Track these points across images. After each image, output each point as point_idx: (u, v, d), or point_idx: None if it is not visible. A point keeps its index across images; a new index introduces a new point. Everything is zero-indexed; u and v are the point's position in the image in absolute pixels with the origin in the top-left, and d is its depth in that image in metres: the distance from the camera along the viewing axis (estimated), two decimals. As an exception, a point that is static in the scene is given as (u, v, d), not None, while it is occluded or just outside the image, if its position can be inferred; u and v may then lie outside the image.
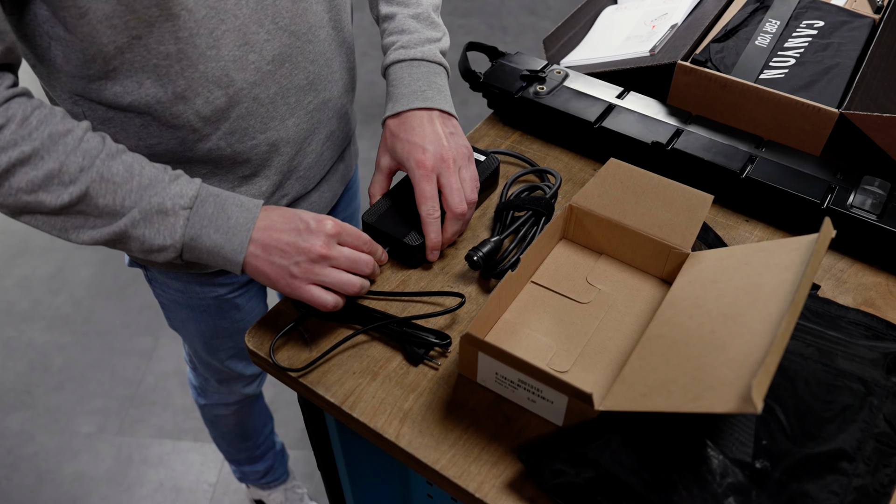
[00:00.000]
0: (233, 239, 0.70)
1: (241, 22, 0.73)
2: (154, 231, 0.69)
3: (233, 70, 0.75)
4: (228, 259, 0.71)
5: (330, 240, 0.71)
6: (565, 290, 0.78)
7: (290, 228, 0.71)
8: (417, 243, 0.77)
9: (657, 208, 0.77)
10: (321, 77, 0.85)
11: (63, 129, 0.66)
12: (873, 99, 0.88)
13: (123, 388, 1.85)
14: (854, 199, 0.81)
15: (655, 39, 1.00)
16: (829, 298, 0.78)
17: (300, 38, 0.79)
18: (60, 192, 0.66)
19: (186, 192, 0.69)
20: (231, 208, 0.70)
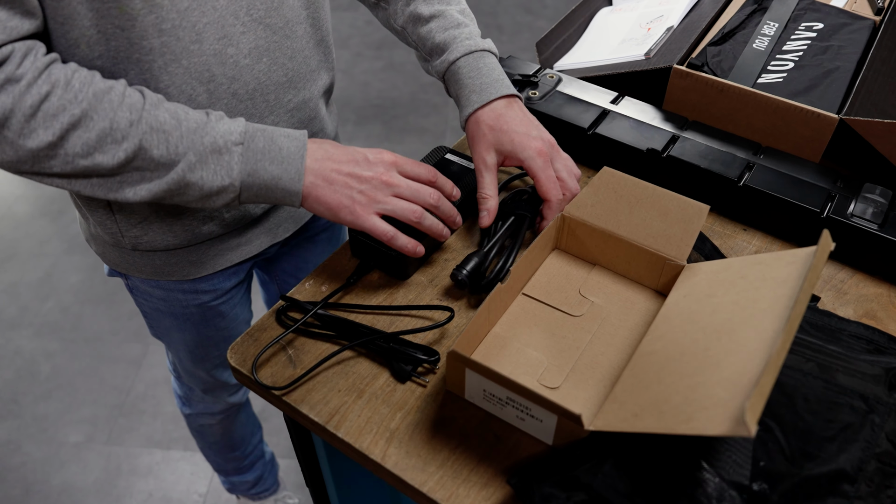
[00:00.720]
0: (289, 168, 0.71)
1: (219, 14, 0.72)
2: (211, 172, 0.69)
3: (213, 64, 0.74)
4: (287, 190, 0.71)
5: (391, 167, 0.73)
6: (557, 303, 0.76)
7: (349, 159, 0.72)
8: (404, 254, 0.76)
9: (652, 218, 0.75)
10: (300, 75, 0.84)
11: (105, 87, 0.66)
12: (874, 104, 0.87)
13: (112, 397, 1.83)
14: (855, 207, 0.79)
15: (651, 42, 0.99)
16: (830, 311, 0.76)
17: (277, 32, 0.78)
18: (115, 150, 0.66)
19: (234, 128, 0.70)
20: (280, 139, 0.71)
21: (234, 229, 0.89)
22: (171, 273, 0.90)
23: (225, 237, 0.89)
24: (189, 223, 0.84)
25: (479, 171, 0.80)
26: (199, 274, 0.92)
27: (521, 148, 0.78)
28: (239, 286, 1.01)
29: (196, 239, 0.86)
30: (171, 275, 0.91)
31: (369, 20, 3.03)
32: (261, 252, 0.95)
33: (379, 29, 2.98)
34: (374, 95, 2.69)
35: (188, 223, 0.84)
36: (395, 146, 2.48)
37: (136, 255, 0.88)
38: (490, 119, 0.80)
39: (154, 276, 0.91)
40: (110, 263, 0.93)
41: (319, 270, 0.81)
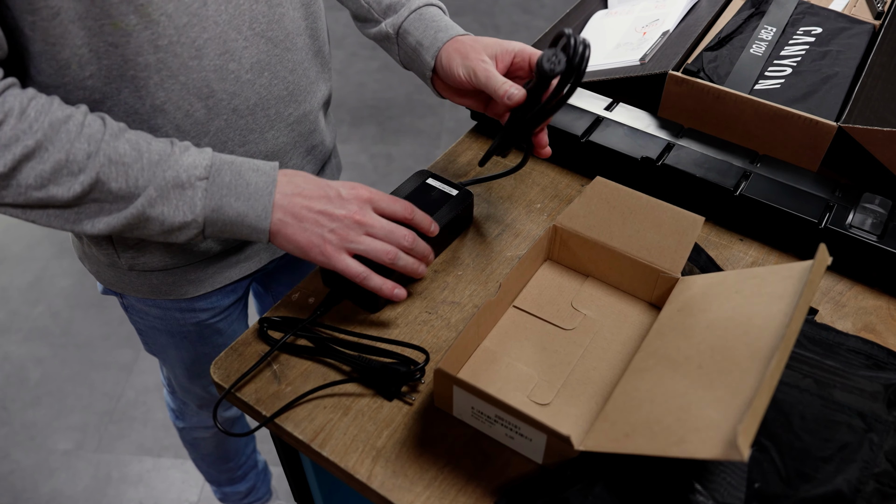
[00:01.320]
0: (255, 205, 0.68)
1: (221, 29, 0.71)
2: (173, 208, 0.67)
3: (213, 80, 0.73)
4: (254, 227, 0.69)
5: (364, 205, 0.70)
6: (549, 316, 0.75)
7: (320, 195, 0.70)
8: None
9: (645, 230, 0.74)
10: (300, 88, 0.82)
11: (62, 116, 0.64)
12: (874, 111, 0.85)
13: (102, 403, 1.82)
14: (853, 218, 0.78)
15: (646, 47, 0.97)
16: (828, 324, 0.75)
17: (278, 45, 0.77)
18: (71, 182, 0.64)
19: (200, 161, 0.67)
20: (248, 173, 0.69)
21: (234, 246, 0.87)
22: (169, 292, 0.89)
23: (224, 255, 0.87)
24: (186, 243, 0.82)
25: (486, 71, 0.74)
26: (198, 293, 0.90)
27: (507, 42, 0.76)
28: (237, 303, 0.99)
29: (194, 258, 0.85)
30: (168, 294, 0.89)
31: (365, 20, 3.02)
32: (260, 268, 0.94)
33: (375, 28, 2.98)
34: (369, 96, 2.67)
35: (185, 243, 0.82)
36: (390, 147, 2.47)
37: (132, 274, 0.86)
38: (468, 38, 0.79)
39: (151, 296, 0.90)
40: (105, 283, 0.91)
41: (307, 282, 0.80)
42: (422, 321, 0.76)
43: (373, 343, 0.73)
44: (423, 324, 0.76)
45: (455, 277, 0.80)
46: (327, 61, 0.89)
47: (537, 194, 0.89)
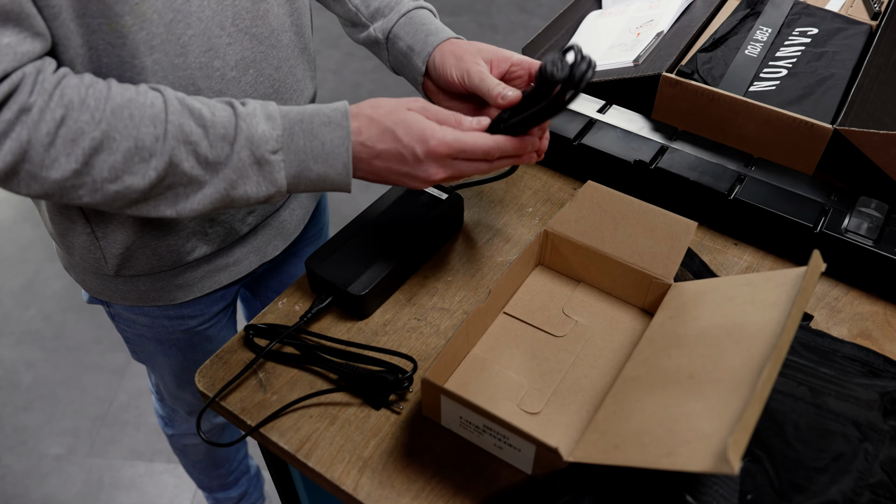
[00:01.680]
0: (335, 164, 0.66)
1: (205, 25, 0.69)
2: (254, 185, 0.65)
3: (199, 78, 0.71)
4: (336, 184, 0.67)
5: (443, 162, 0.66)
6: (540, 323, 0.74)
7: (397, 157, 0.66)
8: (363, 293, 0.73)
9: (637, 235, 0.73)
10: (286, 85, 0.81)
11: (123, 101, 0.62)
12: (870, 113, 0.84)
13: (95, 407, 1.81)
14: (849, 222, 0.77)
15: (640, 48, 0.96)
16: (823, 330, 0.74)
17: (263, 42, 0.76)
18: (145, 169, 0.62)
19: (270, 133, 0.64)
20: (321, 130, 0.65)
21: (221, 248, 0.86)
22: (157, 298, 0.88)
23: (212, 258, 0.86)
24: (173, 243, 0.81)
25: (481, 75, 0.73)
26: (186, 298, 0.89)
27: (506, 53, 0.75)
28: (226, 309, 0.98)
29: (181, 261, 0.84)
30: (156, 300, 0.88)
31: (361, 19, 3.01)
32: (250, 272, 0.93)
33: (370, 28, 2.97)
34: (364, 96, 2.66)
35: (172, 244, 0.81)
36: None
37: (119, 281, 0.85)
38: (462, 43, 0.78)
39: (138, 303, 0.89)
40: (91, 291, 0.90)
41: (294, 288, 0.79)
42: (410, 328, 0.75)
43: (360, 351, 0.72)
44: (412, 331, 0.75)
45: (444, 283, 0.79)
46: (313, 59, 0.88)
47: (529, 198, 0.88)
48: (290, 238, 0.95)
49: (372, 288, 0.73)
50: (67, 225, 0.79)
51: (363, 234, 0.78)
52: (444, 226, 0.81)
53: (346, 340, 0.72)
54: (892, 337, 0.74)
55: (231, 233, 0.85)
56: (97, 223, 0.78)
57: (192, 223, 0.80)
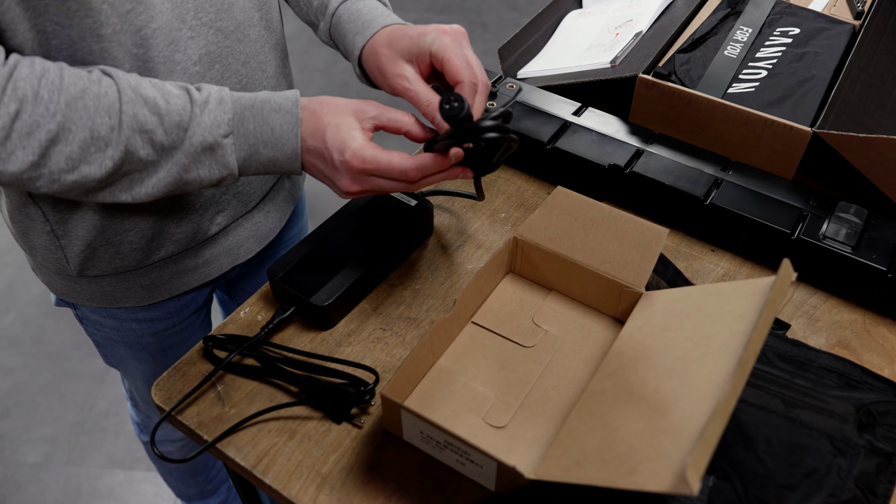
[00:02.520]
0: (284, 149, 0.67)
1: (166, 18, 0.68)
2: (207, 169, 0.67)
3: (162, 73, 0.70)
4: (287, 168, 0.69)
5: (357, 176, 0.66)
6: (508, 332, 0.73)
7: (320, 157, 0.67)
8: (326, 304, 0.71)
9: (608, 242, 0.72)
10: (255, 81, 0.80)
11: (77, 92, 0.62)
12: (850, 115, 0.83)
13: (73, 414, 1.79)
14: (827, 228, 0.76)
15: (618, 49, 0.95)
16: (800, 340, 0.73)
17: (228, 36, 0.74)
18: (101, 158, 0.63)
19: (221, 118, 0.66)
20: (271, 116, 0.67)
21: (189, 248, 0.85)
22: (124, 300, 0.86)
23: (179, 258, 0.85)
24: (137, 243, 0.80)
25: (404, 89, 0.70)
26: (154, 300, 0.88)
27: (421, 37, 0.70)
28: (199, 312, 0.97)
29: (147, 260, 0.82)
30: (122, 302, 0.87)
31: (349, 18, 2.99)
32: (221, 275, 0.91)
33: (359, 27, 2.95)
34: (352, 96, 2.64)
35: (135, 242, 0.80)
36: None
37: (83, 282, 0.84)
38: (383, 43, 0.72)
39: (105, 304, 0.87)
40: (58, 293, 0.88)
41: (258, 297, 0.78)
42: (376, 338, 0.73)
43: (322, 363, 0.71)
44: (378, 341, 0.73)
45: (412, 292, 0.78)
46: (285, 54, 0.86)
47: (502, 203, 0.87)
48: (265, 241, 0.93)
49: (336, 298, 0.72)
50: (27, 224, 0.78)
51: (329, 242, 0.77)
52: (412, 233, 0.79)
53: (307, 352, 0.71)
54: (870, 346, 0.73)
55: (199, 233, 0.84)
56: (56, 222, 0.76)
57: (155, 222, 0.79)
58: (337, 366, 0.70)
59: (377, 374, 0.68)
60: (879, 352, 0.73)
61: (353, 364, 0.69)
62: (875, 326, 0.75)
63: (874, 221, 0.76)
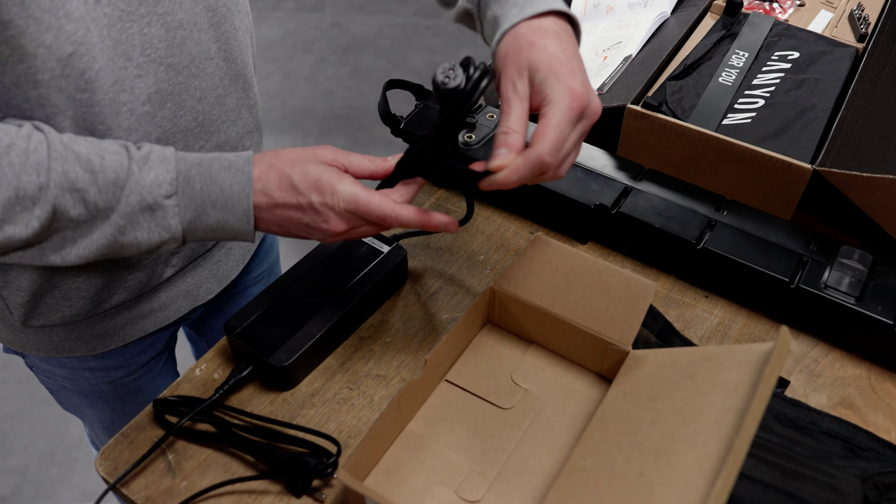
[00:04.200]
0: (235, 210, 0.62)
1: (108, 57, 0.64)
2: (146, 231, 0.62)
3: (108, 115, 0.66)
4: (238, 232, 0.64)
5: (340, 218, 0.62)
6: (485, 392, 0.69)
7: (295, 205, 0.62)
8: (286, 364, 0.67)
9: (592, 296, 0.67)
10: (213, 117, 0.75)
11: (2, 148, 0.58)
12: (853, 149, 0.79)
13: (44, 444, 1.75)
14: (829, 276, 0.72)
15: (606, 75, 0.91)
16: (800, 399, 0.69)
17: (181, 72, 0.70)
18: (28, 218, 0.59)
19: (163, 177, 0.61)
20: (220, 175, 0.62)
21: (143, 293, 0.80)
22: (74, 349, 0.82)
23: (133, 304, 0.81)
24: (85, 291, 0.75)
25: (507, 99, 0.61)
26: (107, 348, 0.83)
27: (556, 80, 0.59)
28: (159, 356, 0.92)
29: (97, 309, 0.78)
30: (73, 351, 0.82)
31: (335, 22, 2.94)
32: (180, 318, 0.87)
33: (345, 32, 2.90)
34: (338, 104, 2.60)
35: (85, 292, 0.75)
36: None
37: (29, 332, 0.79)
38: (532, 33, 0.61)
39: (54, 354, 0.83)
40: (3, 341, 0.84)
41: (215, 352, 0.73)
42: (341, 399, 0.69)
43: (282, 429, 0.66)
44: (343, 402, 0.69)
45: (382, 345, 0.73)
46: (250, 85, 0.82)
47: (481, 244, 0.83)
48: (226, 280, 0.89)
49: (297, 357, 0.68)
50: None
51: (292, 293, 0.72)
52: (384, 282, 0.75)
53: (266, 417, 0.67)
54: (876, 405, 0.69)
55: (153, 276, 0.79)
56: None
57: (106, 269, 0.75)
58: (298, 433, 0.66)
59: (339, 444, 0.64)
60: (885, 411, 0.68)
61: (314, 432, 0.65)
62: (881, 382, 0.71)
63: (880, 268, 0.72)
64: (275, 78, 2.70)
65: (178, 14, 0.67)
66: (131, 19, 0.64)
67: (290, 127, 2.51)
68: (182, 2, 0.68)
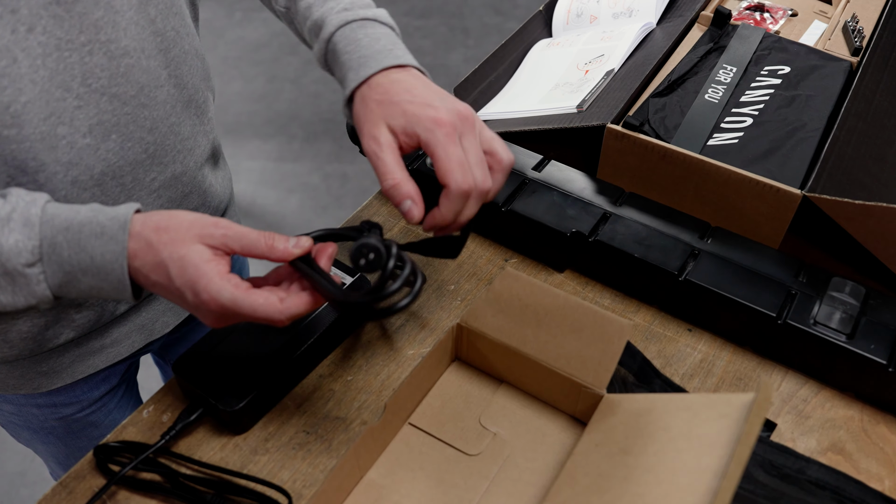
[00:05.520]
0: (109, 279, 0.57)
1: (41, 88, 0.60)
2: (10, 295, 0.57)
3: (41, 150, 0.62)
4: (115, 297, 0.59)
5: (221, 314, 0.56)
6: (450, 437, 0.65)
7: (171, 293, 0.57)
8: (237, 408, 0.63)
9: (564, 335, 0.64)
10: (165, 147, 0.72)
11: None
12: (846, 172, 0.75)
13: (14, 463, 1.71)
14: (819, 311, 0.68)
15: (586, 90, 0.87)
16: (787, 445, 0.65)
17: (127, 102, 0.66)
18: None
19: (24, 245, 0.55)
20: (90, 242, 0.56)
21: (94, 330, 0.77)
22: (18, 387, 0.78)
23: (82, 341, 0.77)
24: (27, 331, 0.72)
25: (373, 154, 0.61)
26: (53, 385, 0.79)
27: (414, 119, 0.60)
28: (114, 390, 0.88)
29: (42, 347, 0.74)
30: (17, 388, 0.79)
31: (323, 23, 2.91)
32: (135, 352, 0.83)
33: (333, 33, 2.86)
34: (325, 109, 2.56)
35: (26, 332, 0.71)
36: (346, 166, 2.37)
37: None
38: (377, 93, 0.63)
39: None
40: None
41: (164, 392, 0.69)
42: (297, 444, 0.66)
43: (232, 479, 0.63)
44: (299, 447, 0.65)
45: (343, 385, 0.70)
46: (205, 110, 0.78)
47: (451, 273, 0.79)
48: (185, 312, 0.85)
49: (250, 400, 0.64)
50: None
51: (246, 329, 0.69)
52: (345, 318, 0.71)
53: (215, 466, 0.63)
54: (868, 451, 0.65)
55: (104, 314, 0.76)
56: None
57: (49, 309, 0.71)
58: (248, 483, 0.62)
59: (290, 497, 0.60)
60: (878, 457, 0.65)
61: (265, 483, 0.61)
62: (874, 425, 0.67)
63: (873, 302, 0.69)
64: (260, 81, 2.66)
65: (122, 41, 0.64)
66: (70, 48, 0.61)
67: (275, 132, 2.48)
68: (127, 28, 0.64)
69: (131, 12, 0.64)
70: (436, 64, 2.71)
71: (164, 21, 0.69)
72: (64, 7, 0.60)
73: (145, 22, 0.66)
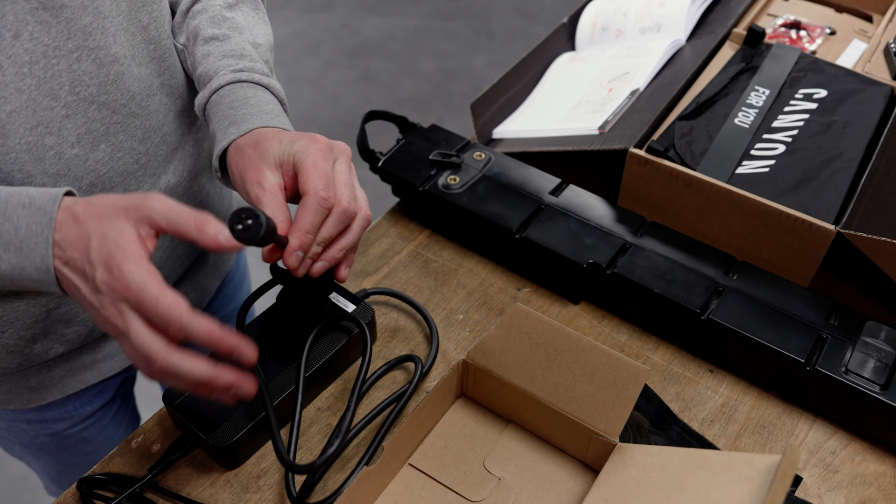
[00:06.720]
0: (31, 255, 0.52)
1: (27, 97, 0.58)
2: None
3: (28, 161, 0.60)
4: (39, 282, 0.53)
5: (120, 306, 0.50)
6: (452, 481, 0.62)
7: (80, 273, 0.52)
8: (228, 443, 0.61)
9: (575, 377, 0.61)
10: (158, 157, 0.70)
11: None
12: (884, 208, 0.72)
13: (16, 468, 1.71)
14: (851, 358, 0.64)
15: (610, 110, 0.84)
16: (812, 502, 0.61)
17: (118, 111, 0.64)
18: None
19: None
20: (15, 211, 0.52)
21: (85, 345, 0.75)
22: (6, 402, 0.77)
23: (73, 355, 0.75)
24: (14, 345, 0.70)
25: (257, 198, 0.58)
26: (44, 401, 0.78)
27: (289, 143, 0.59)
28: (108, 406, 0.87)
29: (30, 361, 0.72)
30: (6, 403, 0.77)
31: (345, 23, 2.89)
32: (129, 366, 0.81)
33: (355, 34, 2.84)
34: (344, 111, 2.54)
35: (13, 346, 0.70)
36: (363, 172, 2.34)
37: None
38: (252, 140, 0.61)
39: None
40: None
41: (154, 422, 0.67)
42: (291, 482, 0.63)
43: (219, 518, 0.60)
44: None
45: (342, 419, 0.67)
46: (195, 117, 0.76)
47: (461, 301, 0.76)
48: None
49: (242, 435, 0.61)
50: None
51: None
52: (346, 348, 0.68)
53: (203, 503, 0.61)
54: (901, 511, 0.62)
55: (95, 329, 0.74)
56: None
57: (36, 322, 0.69)
58: (236, 524, 0.60)
59: (280, 542, 0.58)
60: (912, 518, 0.61)
61: (253, 526, 0.59)
62: (907, 483, 0.63)
63: (909, 349, 0.65)
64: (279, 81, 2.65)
65: (111, 48, 0.62)
66: (57, 55, 0.59)
67: (293, 134, 2.46)
68: (116, 34, 0.62)
69: (120, 18, 0.63)
70: (459, 68, 2.68)
71: (158, 28, 0.67)
72: (51, 12, 0.58)
73: (136, 29, 0.65)
